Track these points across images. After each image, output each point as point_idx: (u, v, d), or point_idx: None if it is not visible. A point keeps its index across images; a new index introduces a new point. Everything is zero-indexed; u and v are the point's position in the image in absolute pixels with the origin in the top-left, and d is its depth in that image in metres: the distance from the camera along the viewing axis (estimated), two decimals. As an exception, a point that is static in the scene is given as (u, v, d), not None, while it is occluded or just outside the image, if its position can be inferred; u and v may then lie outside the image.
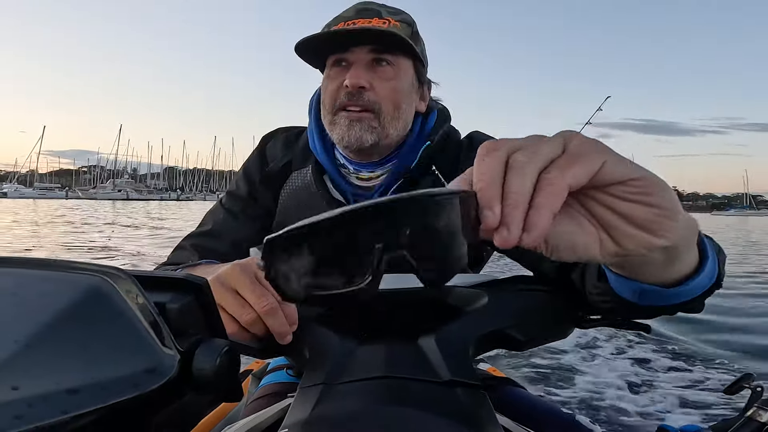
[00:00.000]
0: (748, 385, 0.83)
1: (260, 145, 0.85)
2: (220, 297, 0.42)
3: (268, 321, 0.42)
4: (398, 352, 0.43)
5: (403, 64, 0.73)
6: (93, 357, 0.19)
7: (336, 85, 0.72)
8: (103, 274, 0.21)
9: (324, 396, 0.38)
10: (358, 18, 0.71)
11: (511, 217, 0.26)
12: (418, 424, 0.34)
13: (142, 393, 0.19)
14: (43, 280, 0.21)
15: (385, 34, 0.69)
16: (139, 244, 8.78)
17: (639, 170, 0.29)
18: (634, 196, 0.29)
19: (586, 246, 0.31)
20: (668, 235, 0.30)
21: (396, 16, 0.73)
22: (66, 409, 0.17)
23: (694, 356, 3.02)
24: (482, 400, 0.40)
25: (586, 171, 0.27)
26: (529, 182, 0.27)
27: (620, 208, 0.29)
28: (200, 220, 0.85)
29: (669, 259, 0.34)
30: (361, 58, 0.70)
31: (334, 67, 0.73)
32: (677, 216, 0.30)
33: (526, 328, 0.47)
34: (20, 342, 0.18)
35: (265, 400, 0.75)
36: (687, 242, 0.34)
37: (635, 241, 0.30)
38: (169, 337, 0.21)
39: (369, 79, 0.70)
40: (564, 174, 0.27)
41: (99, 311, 0.20)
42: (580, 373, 2.63)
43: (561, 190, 0.27)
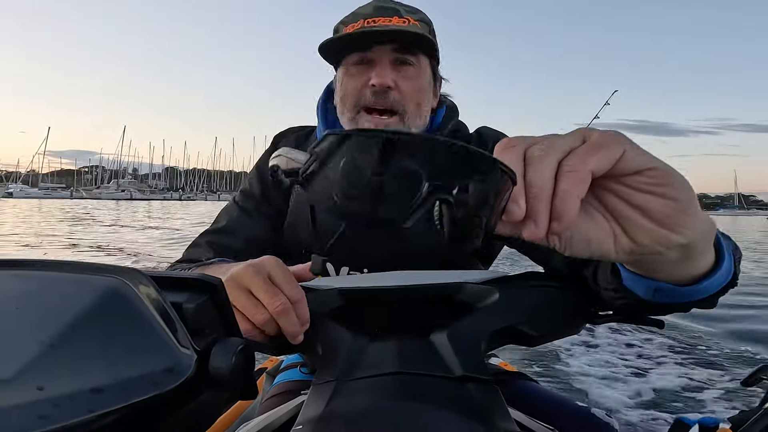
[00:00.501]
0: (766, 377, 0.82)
1: (272, 144, 0.86)
2: (234, 297, 0.43)
3: (280, 321, 0.42)
4: (411, 348, 0.43)
5: (423, 62, 0.73)
6: (114, 357, 0.20)
7: (360, 84, 0.72)
8: (122, 275, 0.21)
9: (337, 392, 0.39)
10: (378, 16, 0.71)
11: (536, 210, 0.26)
12: (431, 419, 0.34)
13: (162, 392, 0.20)
14: (64, 282, 0.21)
15: (410, 34, 0.69)
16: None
17: (657, 161, 0.28)
18: (651, 187, 0.28)
19: (600, 241, 0.30)
20: (685, 231, 0.29)
21: (414, 15, 0.73)
22: (91, 408, 0.18)
23: (710, 347, 2.98)
24: (495, 395, 0.40)
25: (608, 158, 0.27)
26: (548, 173, 0.27)
27: (636, 200, 0.29)
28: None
29: (685, 257, 0.33)
30: (385, 56, 0.70)
31: (356, 65, 0.72)
32: (695, 211, 0.30)
33: (537, 323, 0.47)
34: (44, 343, 0.19)
35: (279, 397, 0.75)
36: (704, 240, 0.33)
37: (651, 236, 0.30)
38: (186, 337, 0.22)
39: (394, 78, 0.70)
40: (586, 160, 0.27)
41: (118, 312, 0.21)
42: (594, 366, 2.61)
43: (584, 176, 0.26)
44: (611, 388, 2.33)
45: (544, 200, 0.26)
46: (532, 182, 0.27)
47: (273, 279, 0.43)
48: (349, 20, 0.73)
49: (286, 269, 0.44)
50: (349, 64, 0.73)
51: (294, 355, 0.97)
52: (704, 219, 0.31)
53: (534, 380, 0.77)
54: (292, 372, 0.87)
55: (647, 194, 0.29)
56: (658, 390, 2.32)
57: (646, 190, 0.28)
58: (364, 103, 0.72)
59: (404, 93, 0.71)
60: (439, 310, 0.48)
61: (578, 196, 0.26)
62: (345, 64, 0.74)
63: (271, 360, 1.16)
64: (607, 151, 0.27)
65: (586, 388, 2.33)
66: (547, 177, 0.26)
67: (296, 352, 0.52)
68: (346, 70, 0.73)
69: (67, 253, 7.20)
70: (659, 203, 0.29)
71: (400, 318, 0.48)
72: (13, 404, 0.18)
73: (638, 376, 2.51)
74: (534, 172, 0.27)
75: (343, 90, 0.74)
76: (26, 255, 6.32)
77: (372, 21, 0.71)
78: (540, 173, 0.26)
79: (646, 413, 2.06)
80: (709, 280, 0.37)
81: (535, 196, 0.26)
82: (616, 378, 2.46)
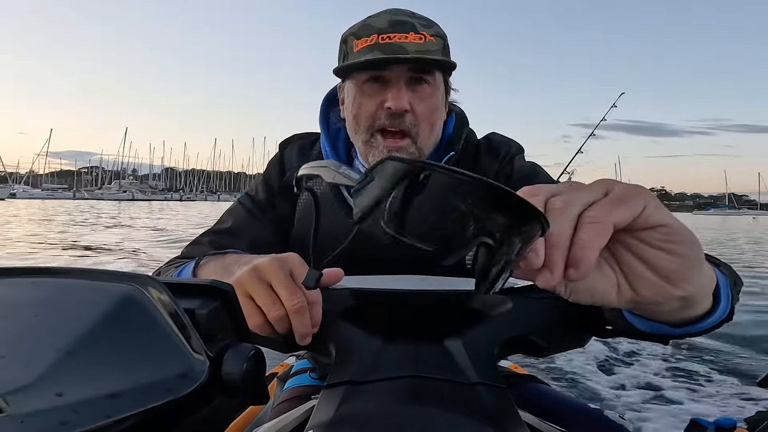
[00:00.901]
0: (783, 377, 0.81)
1: (279, 151, 0.86)
2: (253, 288, 0.42)
3: (293, 320, 0.42)
4: (425, 352, 0.43)
5: (438, 79, 0.72)
6: (130, 363, 0.20)
7: (375, 105, 0.70)
8: (136, 281, 0.22)
9: (348, 396, 0.39)
10: (393, 32, 0.68)
11: (553, 259, 0.27)
12: (442, 424, 0.34)
13: (176, 397, 0.20)
14: (81, 289, 0.22)
15: (428, 60, 0.68)
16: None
17: (671, 218, 0.29)
18: (662, 243, 0.29)
19: (604, 292, 0.31)
20: (687, 287, 0.30)
21: (430, 30, 0.70)
22: (108, 414, 0.18)
23: (725, 349, 2.93)
24: (506, 399, 0.40)
25: (630, 212, 0.28)
26: (567, 224, 0.27)
27: (646, 254, 0.30)
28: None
29: (683, 306, 0.34)
30: (400, 75, 0.69)
31: (370, 83, 0.70)
32: (700, 268, 0.30)
33: (547, 334, 0.48)
34: (62, 350, 0.19)
35: (290, 402, 0.75)
36: (703, 293, 0.34)
37: (653, 289, 0.30)
38: (199, 343, 0.22)
39: (410, 100, 0.69)
40: (611, 212, 0.27)
41: (134, 318, 0.21)
42: (608, 368, 2.58)
43: (607, 227, 0.27)
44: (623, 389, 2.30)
45: (562, 250, 0.27)
46: (551, 233, 0.27)
47: (294, 277, 0.43)
48: (362, 33, 0.70)
49: (308, 269, 0.44)
50: (362, 82, 0.71)
51: (303, 360, 0.97)
52: (707, 274, 0.33)
53: (545, 383, 0.76)
54: (302, 377, 0.87)
55: (657, 250, 0.29)
56: (671, 391, 2.28)
57: (656, 245, 0.29)
58: (379, 126, 0.70)
59: (419, 115, 0.70)
60: (453, 315, 0.49)
61: (598, 247, 0.27)
62: (357, 80, 0.71)
63: (282, 365, 1.17)
64: (630, 205, 0.28)
65: (597, 390, 2.30)
66: (566, 228, 0.27)
67: (305, 350, 0.52)
68: (359, 88, 0.71)
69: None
70: (667, 259, 0.29)
71: (413, 321, 0.48)
72: (33, 410, 0.18)
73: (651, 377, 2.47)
74: (554, 224, 0.27)
75: (356, 109, 0.72)
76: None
77: (387, 37, 0.68)
78: (560, 225, 0.27)
79: (661, 414, 2.03)
80: (704, 323, 0.38)
81: (553, 245, 0.27)
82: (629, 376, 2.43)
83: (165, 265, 0.72)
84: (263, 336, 0.44)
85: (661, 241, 0.29)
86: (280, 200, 0.81)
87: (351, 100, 0.73)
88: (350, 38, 0.72)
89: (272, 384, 1.04)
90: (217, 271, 0.53)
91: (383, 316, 0.48)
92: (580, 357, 2.71)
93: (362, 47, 0.69)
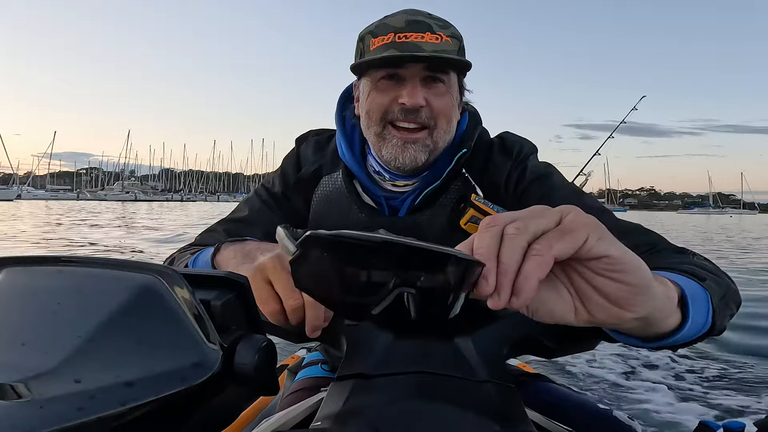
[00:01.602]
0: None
1: (295, 146, 0.87)
2: (275, 276, 0.43)
3: (308, 311, 0.42)
4: (435, 349, 0.43)
5: (453, 79, 0.72)
6: (147, 351, 0.20)
7: (388, 99, 0.70)
8: (156, 272, 0.22)
9: (358, 388, 0.39)
10: (409, 31, 0.68)
11: (501, 285, 0.29)
12: (448, 420, 0.34)
13: (190, 386, 0.20)
14: (103, 279, 0.22)
15: (444, 59, 0.68)
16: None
17: (614, 249, 0.31)
18: (607, 273, 0.31)
19: (563, 313, 0.33)
20: (637, 310, 0.32)
21: (446, 31, 0.71)
22: (124, 401, 0.18)
23: (736, 352, 2.88)
24: (513, 398, 0.39)
25: (572, 245, 0.30)
26: (517, 253, 0.30)
27: (595, 282, 0.32)
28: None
29: (644, 326, 0.35)
30: (415, 74, 0.69)
31: (385, 80, 0.70)
32: (648, 291, 0.32)
33: (557, 337, 0.47)
34: (82, 337, 0.20)
35: (299, 394, 0.76)
36: (661, 312, 0.36)
37: (606, 313, 0.32)
38: (213, 333, 0.22)
39: (425, 96, 0.69)
40: (552, 245, 0.30)
41: (152, 308, 0.21)
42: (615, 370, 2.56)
43: (547, 260, 0.29)
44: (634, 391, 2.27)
45: (509, 277, 0.29)
46: (501, 259, 0.30)
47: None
48: (378, 32, 0.71)
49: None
50: (378, 79, 0.71)
51: (314, 353, 0.97)
52: (659, 296, 0.34)
53: (553, 381, 0.76)
54: (313, 369, 0.88)
55: (603, 278, 0.31)
56: (680, 393, 2.25)
57: (603, 274, 0.31)
58: (391, 118, 0.71)
59: (435, 109, 0.70)
60: (464, 314, 0.48)
61: (538, 278, 0.29)
62: (372, 77, 0.72)
63: (293, 357, 1.18)
64: (572, 237, 0.30)
65: (607, 389, 2.28)
66: (515, 257, 0.29)
67: (316, 341, 0.52)
68: (375, 85, 0.71)
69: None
70: (614, 287, 0.31)
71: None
72: (52, 396, 0.18)
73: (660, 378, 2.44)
74: (505, 251, 0.30)
75: (369, 105, 0.72)
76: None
77: (404, 36, 0.68)
78: (509, 252, 0.30)
79: (669, 416, 2.00)
80: (674, 338, 0.38)
81: (503, 272, 0.29)
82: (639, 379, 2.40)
83: (179, 252, 0.73)
84: (275, 325, 0.44)
85: (606, 270, 0.31)
86: (295, 194, 0.82)
87: (365, 96, 0.73)
88: (367, 36, 0.72)
89: (282, 375, 1.05)
90: (237, 256, 0.54)
91: (395, 312, 0.48)
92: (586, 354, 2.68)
93: (379, 45, 0.70)
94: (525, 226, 0.30)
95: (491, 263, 0.30)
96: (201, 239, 0.79)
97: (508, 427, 0.35)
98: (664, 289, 0.36)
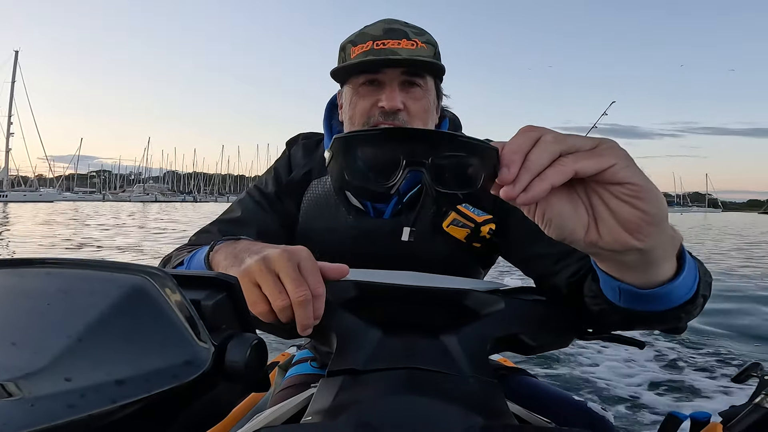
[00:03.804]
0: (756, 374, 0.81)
1: (286, 148, 0.87)
2: (263, 278, 0.42)
3: (297, 311, 0.42)
4: (422, 346, 0.43)
5: (429, 83, 0.73)
6: (137, 350, 0.20)
7: (369, 104, 0.71)
8: (145, 273, 0.22)
9: (348, 384, 0.39)
10: (387, 39, 0.70)
11: (520, 178, 0.31)
12: (435, 413, 0.34)
13: (181, 384, 0.20)
14: (92, 280, 0.22)
15: (420, 62, 0.69)
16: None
17: (640, 178, 0.32)
18: (627, 198, 0.32)
19: (574, 229, 0.34)
20: (644, 240, 0.33)
21: (421, 38, 0.72)
22: (114, 399, 0.18)
23: (702, 345, 2.94)
24: (496, 391, 0.40)
25: (597, 166, 0.31)
26: (545, 158, 0.31)
27: (612, 205, 0.32)
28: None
29: (644, 262, 0.36)
30: (394, 78, 0.70)
31: (365, 86, 0.72)
32: (660, 224, 0.33)
33: (536, 334, 0.48)
34: (72, 337, 0.19)
35: (290, 390, 0.75)
36: (663, 250, 0.36)
37: (614, 237, 0.33)
38: (204, 332, 0.22)
39: (403, 100, 0.70)
40: (578, 161, 0.31)
41: (142, 308, 0.21)
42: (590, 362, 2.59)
43: (567, 171, 0.31)
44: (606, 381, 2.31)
45: (530, 174, 0.31)
46: (529, 157, 0.31)
47: (301, 269, 0.43)
48: (358, 41, 0.72)
49: (315, 263, 0.44)
50: (358, 85, 0.72)
51: (305, 350, 0.97)
52: (668, 233, 0.35)
53: (533, 375, 0.76)
54: (303, 366, 0.87)
55: (623, 202, 0.32)
56: (650, 385, 2.29)
57: (623, 199, 0.32)
58: (373, 122, 0.71)
59: (412, 113, 0.71)
60: (449, 312, 0.49)
61: (552, 183, 0.30)
62: (353, 83, 0.73)
63: (283, 354, 1.17)
64: (599, 160, 0.31)
65: (582, 383, 2.31)
66: (542, 160, 0.31)
67: (307, 338, 0.52)
68: (356, 91, 0.73)
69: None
70: (630, 212, 0.32)
71: (411, 316, 0.48)
72: (43, 394, 0.18)
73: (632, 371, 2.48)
74: (535, 150, 0.31)
75: (352, 110, 0.73)
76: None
77: (381, 43, 0.70)
78: (539, 153, 0.31)
79: (640, 408, 2.04)
80: (668, 287, 0.38)
81: (526, 168, 0.31)
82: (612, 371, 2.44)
83: (176, 251, 0.72)
84: (266, 322, 0.44)
85: (628, 195, 0.32)
86: (287, 196, 0.81)
87: (348, 102, 0.74)
88: (348, 45, 0.73)
89: (273, 372, 1.04)
90: (228, 257, 0.53)
91: (383, 310, 0.48)
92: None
93: (359, 53, 0.71)
94: (563, 139, 0.31)
95: (519, 157, 0.31)
96: (196, 239, 0.77)
97: (491, 419, 0.35)
98: (672, 231, 0.36)
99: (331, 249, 0.74)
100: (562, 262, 0.56)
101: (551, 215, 0.33)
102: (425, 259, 0.70)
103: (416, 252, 0.72)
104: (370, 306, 0.48)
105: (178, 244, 0.76)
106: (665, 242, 0.35)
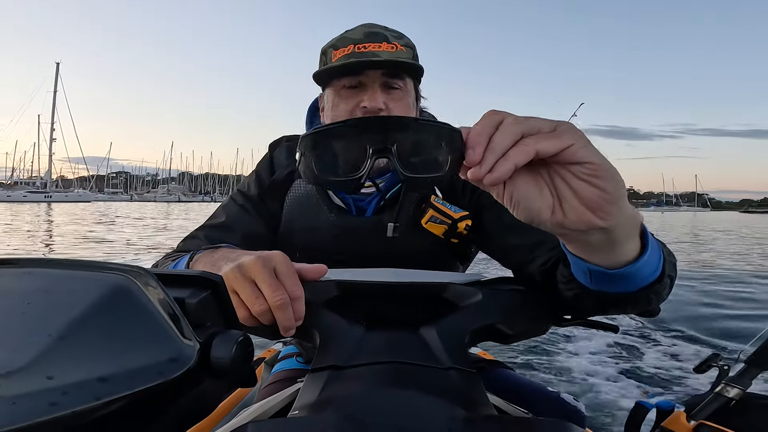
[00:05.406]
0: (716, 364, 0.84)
1: (269, 151, 0.85)
2: (238, 285, 0.42)
3: (277, 314, 0.41)
4: (403, 340, 0.43)
5: (408, 85, 0.74)
6: (120, 348, 0.19)
7: (351, 105, 0.71)
8: (127, 273, 0.21)
9: (333, 379, 0.38)
10: (367, 42, 0.70)
11: (485, 160, 0.32)
12: (419, 405, 0.34)
13: (166, 380, 0.20)
14: (73, 279, 0.21)
15: (399, 63, 0.70)
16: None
17: (597, 157, 0.32)
18: (586, 177, 0.32)
19: (540, 210, 0.34)
20: (606, 218, 0.33)
21: (401, 41, 0.73)
22: (98, 396, 0.17)
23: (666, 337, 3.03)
24: (476, 383, 0.40)
25: (556, 146, 0.32)
26: (508, 139, 0.32)
27: (573, 184, 0.33)
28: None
29: (609, 242, 0.36)
30: (375, 79, 0.70)
31: (347, 89, 0.72)
32: (619, 202, 0.33)
33: (513, 323, 0.48)
34: (53, 335, 0.18)
35: (277, 385, 0.74)
36: (626, 229, 0.36)
37: (578, 216, 0.34)
38: (188, 329, 0.21)
39: (384, 101, 0.70)
40: (537, 142, 0.32)
41: (124, 307, 0.20)
42: (562, 354, 2.64)
43: (529, 151, 0.31)
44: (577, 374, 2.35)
45: (495, 155, 0.31)
46: (493, 139, 0.32)
47: (278, 274, 0.42)
48: (339, 45, 0.72)
49: (291, 266, 0.43)
50: (340, 88, 0.72)
51: (290, 346, 0.96)
52: (629, 212, 0.35)
53: (510, 368, 0.77)
54: (289, 361, 0.86)
55: (582, 182, 0.33)
56: (619, 376, 2.35)
57: (582, 178, 0.33)
58: None
59: (393, 113, 0.71)
60: (428, 306, 0.49)
61: (515, 163, 0.31)
62: (335, 86, 0.73)
63: (270, 350, 1.15)
64: (559, 140, 0.32)
65: (556, 375, 2.35)
66: (505, 141, 0.32)
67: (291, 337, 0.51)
68: (337, 93, 0.72)
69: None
70: (590, 190, 0.33)
71: (392, 311, 0.48)
72: (24, 392, 0.17)
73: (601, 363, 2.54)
74: (498, 134, 0.32)
75: (335, 112, 0.73)
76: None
77: (363, 46, 0.70)
78: (502, 136, 0.32)
79: (609, 397, 2.08)
80: (634, 266, 0.39)
81: (490, 149, 0.32)
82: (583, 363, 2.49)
83: (163, 258, 0.71)
84: (252, 327, 0.43)
85: (586, 174, 0.32)
86: (270, 198, 0.80)
87: (330, 104, 0.74)
88: (329, 50, 0.73)
89: (260, 368, 1.03)
90: (206, 266, 0.53)
91: (364, 306, 0.48)
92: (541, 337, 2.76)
93: (340, 56, 0.71)
94: (524, 121, 0.32)
95: (483, 139, 0.32)
96: (183, 245, 0.76)
97: (472, 411, 0.35)
98: (632, 209, 0.37)
99: (313, 248, 0.73)
100: (535, 251, 0.57)
101: (518, 197, 0.34)
102: (406, 256, 0.70)
103: (397, 249, 0.72)
104: (350, 303, 0.48)
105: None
106: (626, 221, 0.36)
